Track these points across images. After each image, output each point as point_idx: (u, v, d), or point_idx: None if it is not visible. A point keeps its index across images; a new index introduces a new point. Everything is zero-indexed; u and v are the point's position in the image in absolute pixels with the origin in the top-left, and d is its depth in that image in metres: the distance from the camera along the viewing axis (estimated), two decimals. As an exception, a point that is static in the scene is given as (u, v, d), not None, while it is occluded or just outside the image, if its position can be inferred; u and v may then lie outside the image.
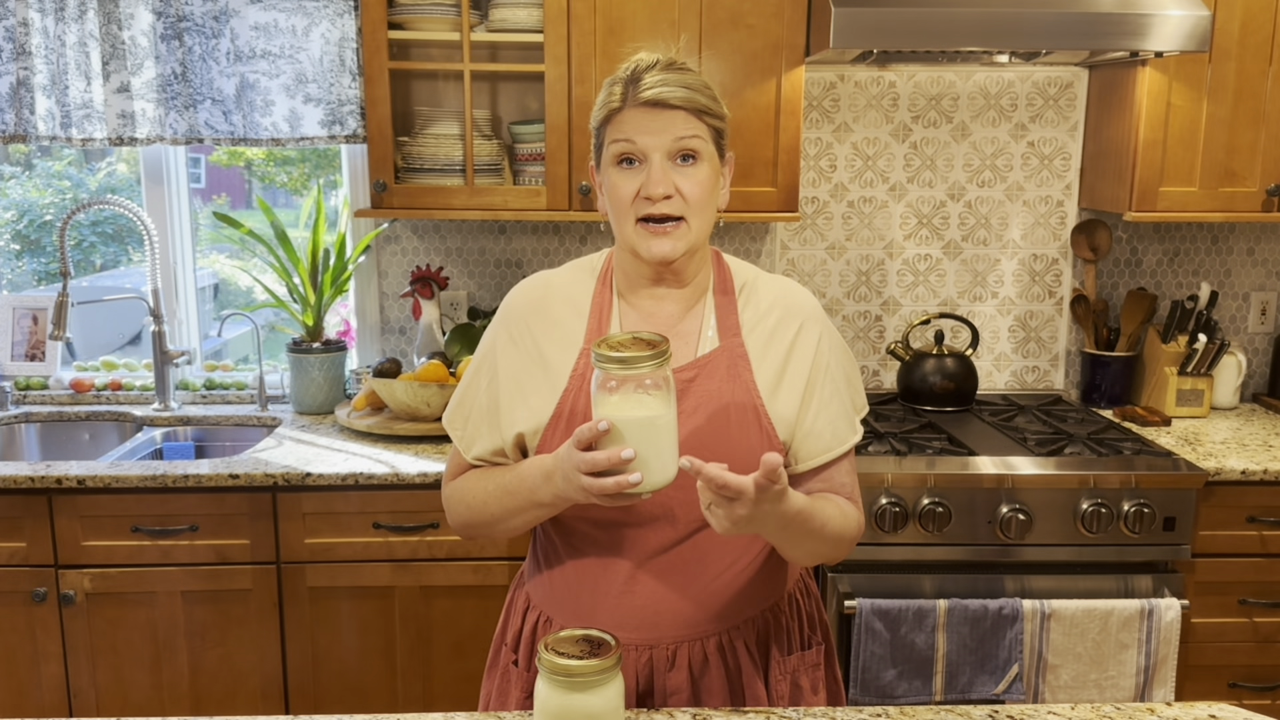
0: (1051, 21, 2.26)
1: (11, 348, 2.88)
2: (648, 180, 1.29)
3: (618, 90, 1.32)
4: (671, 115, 1.29)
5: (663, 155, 1.29)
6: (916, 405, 2.79)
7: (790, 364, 1.38)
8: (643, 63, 1.32)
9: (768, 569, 1.41)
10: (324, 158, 3.42)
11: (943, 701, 2.27)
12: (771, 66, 2.49)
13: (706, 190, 1.32)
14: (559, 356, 1.38)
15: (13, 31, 2.59)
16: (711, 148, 1.32)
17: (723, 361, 1.36)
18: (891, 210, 2.91)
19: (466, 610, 2.36)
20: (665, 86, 1.29)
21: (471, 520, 1.41)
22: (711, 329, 1.39)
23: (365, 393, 2.64)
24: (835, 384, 1.41)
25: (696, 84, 1.31)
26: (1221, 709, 1.33)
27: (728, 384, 1.35)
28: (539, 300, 1.42)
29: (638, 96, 1.29)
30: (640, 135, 1.29)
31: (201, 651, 2.36)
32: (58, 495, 2.28)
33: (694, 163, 1.31)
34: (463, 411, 1.44)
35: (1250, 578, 2.39)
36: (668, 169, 1.29)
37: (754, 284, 1.43)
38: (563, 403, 1.36)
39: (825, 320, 1.43)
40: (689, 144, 1.30)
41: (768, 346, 1.38)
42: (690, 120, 1.29)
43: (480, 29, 2.56)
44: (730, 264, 1.45)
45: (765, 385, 1.36)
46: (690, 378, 1.35)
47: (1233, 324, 3.01)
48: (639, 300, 1.40)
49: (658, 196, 1.29)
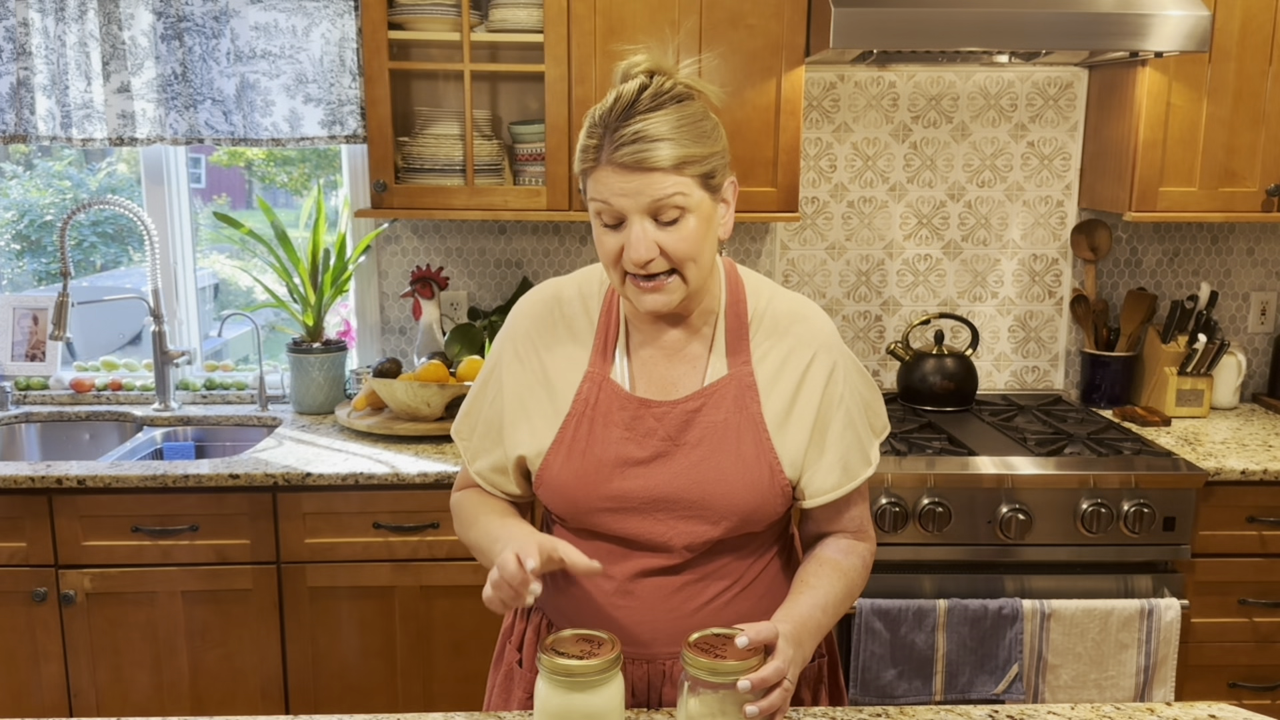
0: (1051, 21, 2.26)
1: (12, 348, 2.88)
2: (628, 245, 1.21)
3: (593, 143, 1.22)
4: (647, 177, 1.18)
5: (642, 216, 1.20)
6: (916, 405, 2.79)
7: (800, 397, 1.32)
8: (624, 95, 1.21)
9: (768, 591, 1.39)
10: (324, 158, 3.42)
11: (943, 701, 2.27)
12: (771, 66, 2.49)
13: (694, 243, 1.22)
14: (563, 379, 1.35)
15: (13, 31, 2.59)
16: (699, 195, 1.22)
17: (730, 391, 1.31)
18: (891, 210, 2.91)
19: (466, 610, 2.36)
20: (639, 144, 1.18)
21: (462, 535, 1.43)
22: (720, 355, 1.34)
23: (365, 393, 2.64)
24: (849, 416, 1.35)
25: (679, 127, 1.19)
26: (1221, 709, 1.33)
27: (734, 415, 1.30)
28: (546, 317, 1.38)
29: (612, 156, 1.19)
30: (615, 199, 1.20)
31: (202, 651, 2.36)
32: (58, 495, 2.28)
33: (677, 220, 1.21)
34: (469, 422, 1.43)
35: (1250, 578, 2.39)
36: (648, 230, 1.20)
37: (769, 308, 1.36)
38: (565, 429, 1.33)
39: (840, 347, 1.36)
40: (670, 203, 1.19)
41: (778, 377, 1.32)
42: (668, 178, 1.19)
43: (480, 29, 2.56)
44: (746, 283, 1.37)
45: (773, 419, 1.31)
46: (695, 407, 1.31)
47: (1233, 324, 3.01)
48: (644, 323, 1.35)
49: (640, 262, 1.21)
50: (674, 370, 1.34)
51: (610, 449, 1.31)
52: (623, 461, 1.30)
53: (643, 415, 1.31)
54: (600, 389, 1.33)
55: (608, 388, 1.33)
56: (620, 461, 1.30)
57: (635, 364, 1.35)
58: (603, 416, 1.32)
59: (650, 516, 1.31)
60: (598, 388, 1.33)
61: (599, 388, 1.33)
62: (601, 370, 1.34)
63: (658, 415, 1.31)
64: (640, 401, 1.32)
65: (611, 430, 1.31)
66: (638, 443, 1.31)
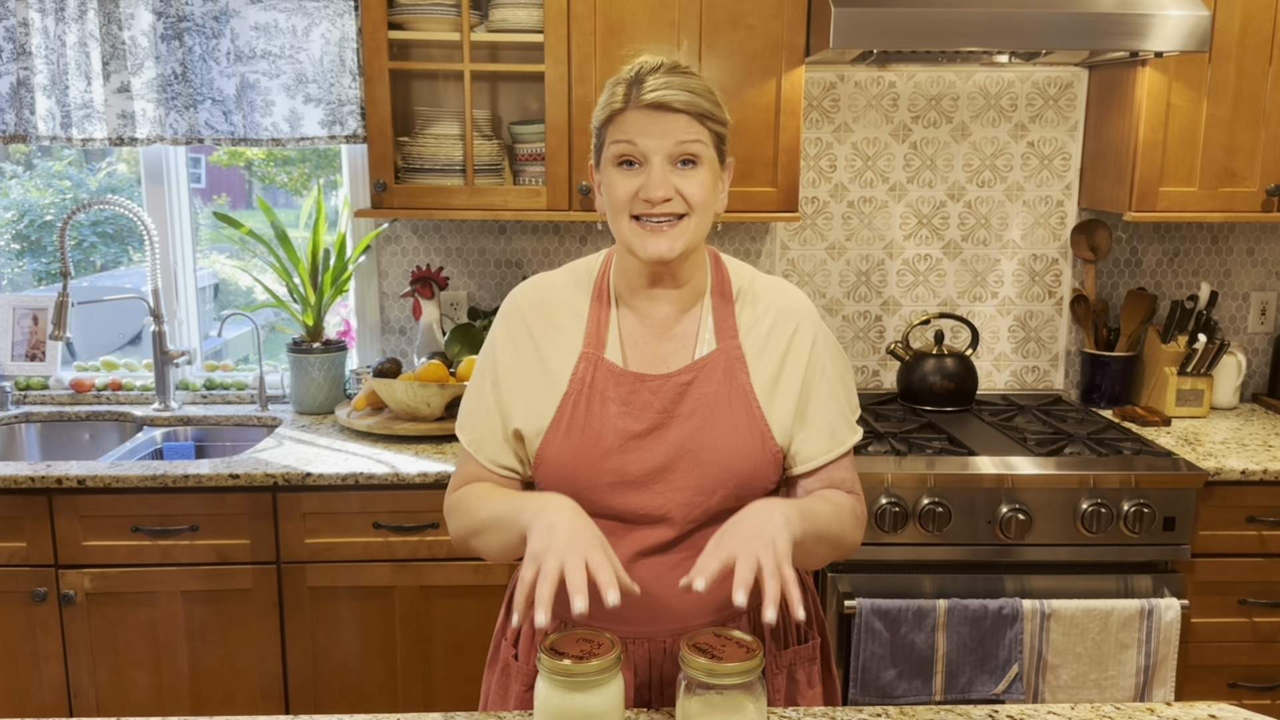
0: (1051, 21, 2.26)
1: (12, 348, 2.89)
2: (648, 182, 1.29)
3: (620, 91, 1.31)
4: (674, 119, 1.29)
5: (663, 158, 1.29)
6: (916, 405, 2.79)
7: (786, 366, 1.39)
8: (647, 65, 1.32)
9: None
10: (324, 158, 3.42)
11: (943, 701, 2.27)
12: (771, 66, 2.49)
13: (706, 193, 1.32)
14: (558, 360, 1.39)
15: (13, 31, 2.59)
16: (712, 152, 1.32)
17: (720, 364, 1.38)
18: (891, 210, 2.91)
19: (466, 610, 2.36)
20: (669, 89, 1.28)
21: (467, 526, 1.38)
22: (709, 331, 1.40)
23: (365, 393, 2.64)
24: (832, 386, 1.42)
25: (700, 88, 1.31)
26: (1221, 709, 1.33)
27: (724, 386, 1.37)
28: (539, 303, 1.43)
29: (640, 98, 1.29)
30: (642, 137, 1.29)
31: (202, 651, 2.36)
32: (58, 495, 2.28)
33: (694, 167, 1.31)
34: (471, 417, 1.45)
35: (1250, 578, 2.39)
36: (668, 172, 1.29)
37: (751, 286, 1.44)
38: (563, 407, 1.37)
39: (820, 322, 1.44)
40: (690, 148, 1.29)
41: (764, 349, 1.39)
42: (692, 124, 1.29)
43: (480, 29, 2.56)
44: (729, 266, 1.46)
45: (762, 388, 1.38)
46: (687, 380, 1.36)
47: (1232, 324, 3.01)
48: (636, 302, 1.41)
49: (657, 199, 1.29)
50: (665, 347, 1.40)
51: (608, 424, 1.35)
52: (621, 435, 1.35)
53: (638, 389, 1.36)
54: (596, 367, 1.38)
55: (603, 366, 1.38)
56: (619, 435, 1.35)
57: (628, 343, 1.40)
58: (599, 393, 1.36)
59: (649, 490, 1.35)
60: (593, 366, 1.38)
61: (594, 366, 1.38)
62: (596, 350, 1.38)
63: (652, 389, 1.36)
64: (635, 376, 1.37)
65: (609, 406, 1.36)
66: (634, 416, 1.35)
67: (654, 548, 1.37)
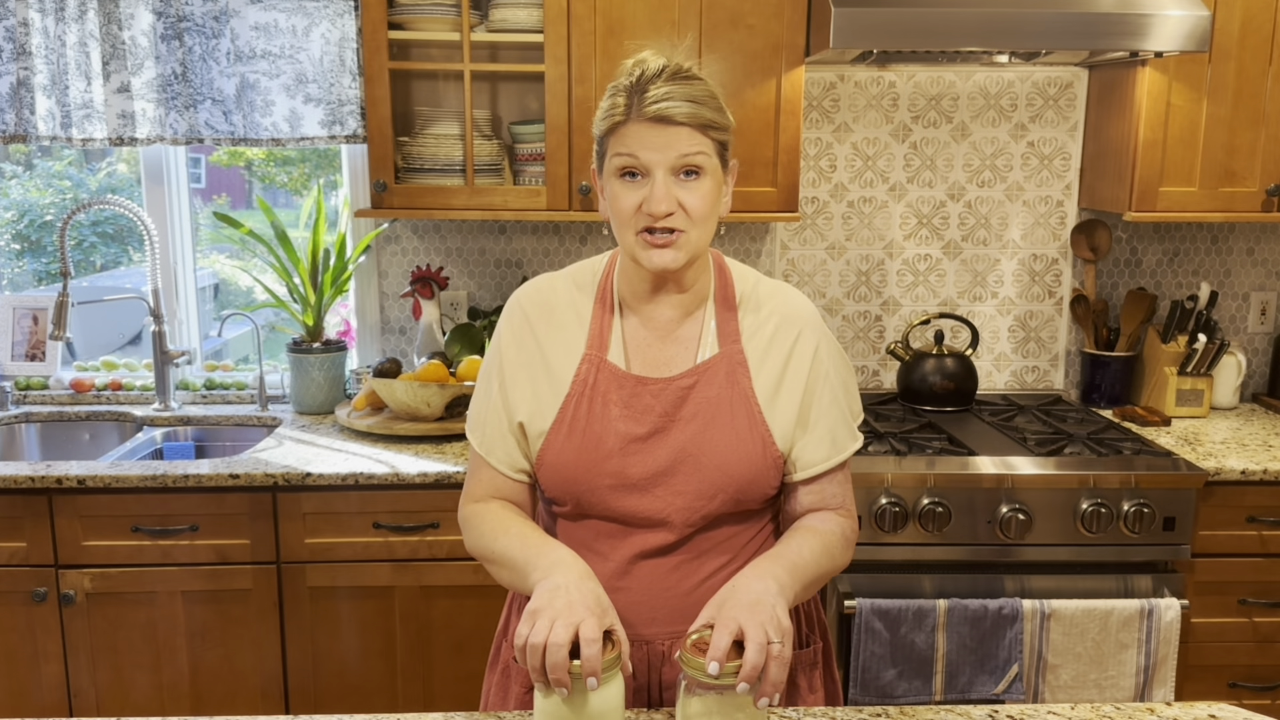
0: (1051, 21, 2.26)
1: (12, 348, 2.88)
2: (650, 196, 1.28)
3: (621, 102, 1.29)
4: (676, 131, 1.27)
5: (666, 171, 1.28)
6: (916, 405, 2.79)
7: (789, 371, 1.39)
8: (648, 69, 1.29)
9: None
10: (324, 158, 3.42)
11: (943, 701, 2.27)
12: (771, 66, 2.49)
13: (709, 204, 1.31)
14: (561, 361, 1.39)
15: (13, 31, 2.59)
16: (715, 161, 1.31)
17: (722, 368, 1.37)
18: (891, 210, 2.91)
19: (466, 610, 2.36)
20: (670, 101, 1.26)
21: (481, 551, 1.40)
22: (711, 335, 1.40)
23: (365, 393, 2.64)
24: (834, 392, 1.41)
25: (702, 96, 1.29)
26: (1221, 709, 1.33)
27: (726, 390, 1.36)
28: (542, 304, 1.43)
29: (642, 111, 1.27)
30: (643, 151, 1.27)
31: (201, 651, 2.36)
32: (58, 495, 2.28)
33: (697, 177, 1.29)
34: (479, 418, 1.44)
35: (1250, 578, 2.39)
36: (670, 184, 1.28)
37: (754, 291, 1.43)
38: (565, 408, 1.37)
39: (823, 328, 1.43)
40: (693, 160, 1.28)
41: (766, 353, 1.39)
42: (695, 136, 1.28)
43: (480, 29, 2.56)
44: (732, 270, 1.45)
45: (764, 392, 1.37)
46: (689, 384, 1.36)
47: (1232, 324, 3.01)
48: (639, 306, 1.40)
49: (660, 214, 1.28)
50: (668, 350, 1.40)
51: (610, 426, 1.35)
52: (622, 438, 1.35)
53: (640, 393, 1.36)
54: (598, 369, 1.37)
55: (605, 368, 1.37)
56: (620, 438, 1.35)
57: (630, 346, 1.40)
58: (601, 395, 1.36)
59: (649, 493, 1.35)
60: (596, 368, 1.37)
61: (597, 368, 1.37)
62: (599, 352, 1.38)
63: (654, 392, 1.36)
64: (637, 379, 1.37)
65: (610, 408, 1.36)
66: (636, 419, 1.35)
67: (653, 551, 1.37)
